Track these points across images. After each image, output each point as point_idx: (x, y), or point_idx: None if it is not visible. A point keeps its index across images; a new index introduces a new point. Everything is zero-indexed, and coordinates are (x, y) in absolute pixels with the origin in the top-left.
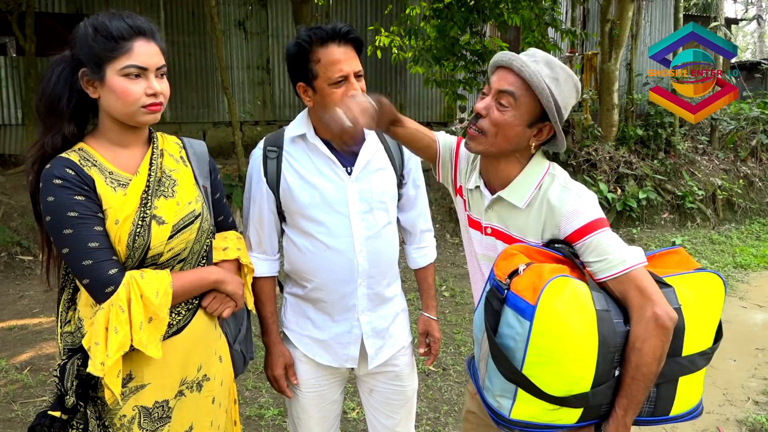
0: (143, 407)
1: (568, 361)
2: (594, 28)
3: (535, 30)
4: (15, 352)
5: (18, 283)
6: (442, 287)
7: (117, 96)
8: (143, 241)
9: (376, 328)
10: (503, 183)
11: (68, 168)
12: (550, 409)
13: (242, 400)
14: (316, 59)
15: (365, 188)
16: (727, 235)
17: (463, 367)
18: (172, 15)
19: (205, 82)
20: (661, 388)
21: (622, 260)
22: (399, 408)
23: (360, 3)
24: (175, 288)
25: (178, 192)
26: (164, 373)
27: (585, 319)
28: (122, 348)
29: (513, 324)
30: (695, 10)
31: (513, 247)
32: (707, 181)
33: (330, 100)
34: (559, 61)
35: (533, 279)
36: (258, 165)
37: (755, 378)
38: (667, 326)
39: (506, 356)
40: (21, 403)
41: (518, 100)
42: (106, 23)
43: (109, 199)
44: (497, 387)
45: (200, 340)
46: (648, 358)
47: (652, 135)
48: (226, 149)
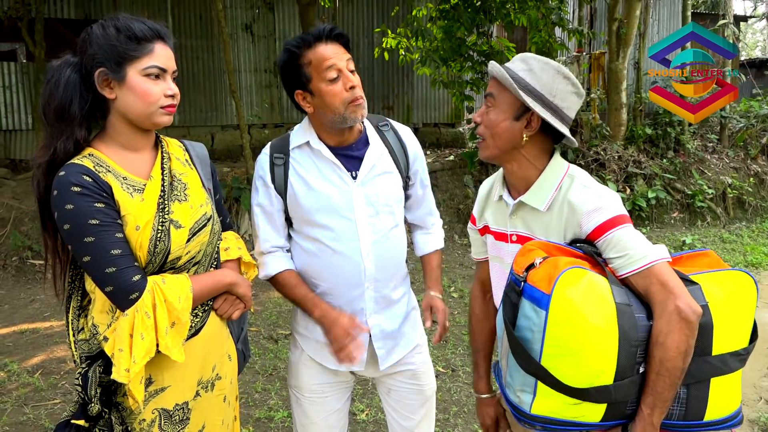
0: (164, 410)
1: (587, 352)
2: (601, 27)
3: (542, 30)
4: (26, 356)
5: (29, 287)
6: (451, 288)
7: (138, 96)
8: (164, 246)
9: (385, 330)
10: (524, 188)
11: (85, 175)
12: (572, 403)
13: (252, 402)
14: (307, 62)
15: (371, 192)
16: (738, 234)
17: (472, 368)
18: (180, 19)
19: (213, 85)
20: (692, 389)
21: (644, 255)
22: (417, 408)
23: (366, 5)
24: (195, 292)
25: (190, 195)
26: (183, 375)
27: (604, 311)
28: (149, 354)
29: (530, 315)
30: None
31: (531, 243)
32: (717, 180)
33: (330, 99)
34: (536, 56)
35: (549, 270)
36: (265, 171)
37: (767, 378)
38: (690, 320)
39: (524, 348)
40: (32, 406)
41: (496, 98)
42: (129, 24)
43: (128, 205)
44: (518, 382)
45: (214, 341)
46: (672, 352)
47: (660, 134)
48: (234, 152)
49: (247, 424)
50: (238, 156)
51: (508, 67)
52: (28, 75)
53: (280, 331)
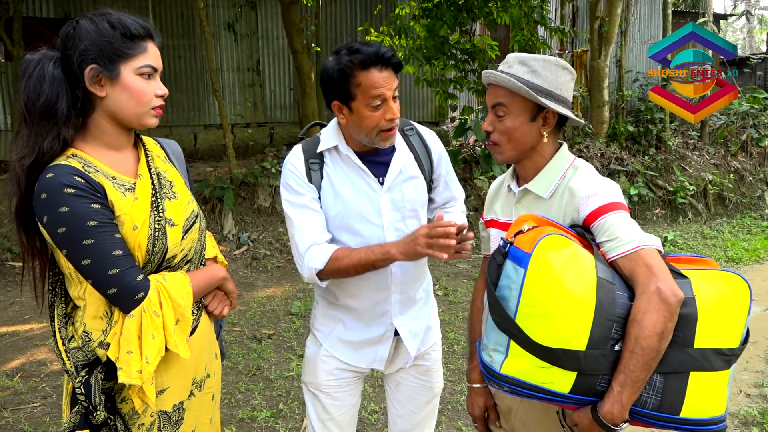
0: (162, 412)
1: (560, 316)
2: (583, 25)
3: (524, 28)
4: (6, 359)
5: (9, 289)
6: (435, 286)
7: (131, 95)
8: (162, 244)
9: (412, 329)
10: (534, 176)
11: (76, 176)
12: (541, 366)
13: (234, 403)
14: (356, 83)
15: (397, 198)
16: (719, 230)
17: (456, 366)
18: (161, 18)
19: (196, 84)
20: (669, 380)
21: (633, 239)
22: (424, 405)
23: (349, 3)
24: (193, 287)
25: (177, 193)
26: (181, 375)
27: (583, 281)
28: (160, 353)
29: (510, 274)
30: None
31: (525, 216)
32: (698, 176)
33: (367, 122)
34: (532, 55)
35: (534, 235)
36: (301, 172)
37: (747, 371)
38: (670, 302)
39: (501, 304)
40: (11, 410)
41: (509, 106)
42: (124, 21)
43: (122, 204)
44: (492, 341)
45: (206, 339)
46: (647, 331)
47: (642, 131)
48: (217, 152)
49: (230, 425)
50: (221, 155)
51: (513, 74)
52: (7, 75)
53: (264, 331)
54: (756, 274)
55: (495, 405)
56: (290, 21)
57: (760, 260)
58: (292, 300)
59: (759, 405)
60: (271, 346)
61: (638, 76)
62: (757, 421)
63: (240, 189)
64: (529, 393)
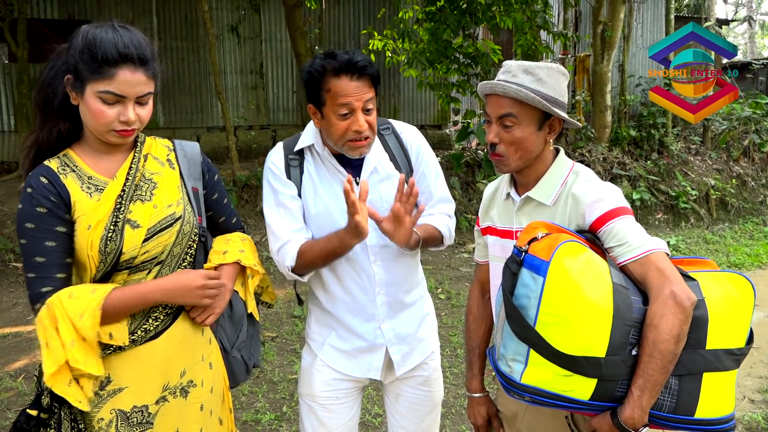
0: (120, 411)
1: (580, 323)
2: (586, 30)
3: (527, 33)
4: (9, 360)
5: (12, 290)
6: (438, 290)
7: (91, 114)
8: (115, 245)
9: (399, 334)
10: (534, 184)
11: (43, 176)
12: (562, 375)
13: (238, 405)
14: (326, 88)
15: (374, 198)
16: (721, 235)
17: (460, 369)
18: (165, 20)
19: (199, 86)
20: (683, 382)
21: (642, 244)
22: (426, 415)
23: (353, 7)
24: (106, 308)
25: (156, 195)
26: (142, 377)
27: (600, 287)
28: (56, 362)
29: (528, 282)
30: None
31: (536, 222)
32: (700, 181)
33: (334, 130)
34: (534, 63)
35: (550, 242)
36: (279, 169)
37: (751, 377)
38: (685, 305)
39: (520, 313)
40: (15, 411)
41: (518, 116)
42: (95, 44)
43: (84, 205)
44: (510, 351)
45: (183, 345)
46: (665, 334)
47: (645, 136)
48: (220, 154)
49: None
50: (224, 158)
51: (520, 83)
52: (11, 76)
53: (267, 333)
54: (759, 279)
55: (497, 412)
56: (294, 24)
57: (763, 265)
58: (294, 303)
59: (763, 410)
60: (274, 348)
61: (640, 81)
62: (762, 427)
63: (243, 191)
64: (550, 402)
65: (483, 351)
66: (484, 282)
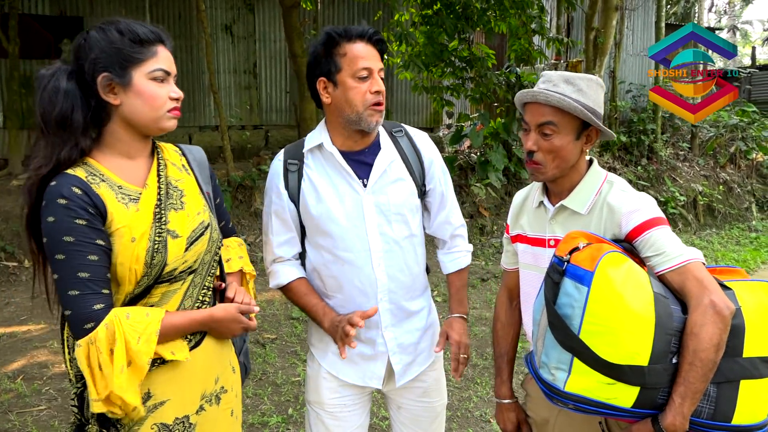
0: (163, 424)
1: (624, 332)
2: (578, 36)
3: (521, 37)
4: (6, 361)
5: (4, 289)
6: (434, 292)
7: (145, 100)
8: (161, 258)
9: (402, 343)
10: (568, 193)
11: (75, 186)
12: (606, 383)
13: (244, 408)
14: (342, 52)
15: (382, 201)
16: (709, 240)
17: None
18: (158, 18)
19: (191, 85)
20: (721, 389)
21: (680, 253)
22: (428, 425)
23: (349, 9)
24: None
25: (186, 203)
26: (183, 388)
27: (642, 296)
28: (107, 388)
29: (571, 292)
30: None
31: (575, 232)
32: (688, 187)
33: (353, 94)
34: (574, 74)
35: (593, 252)
36: (278, 178)
37: None
38: (724, 314)
39: (564, 322)
40: (17, 413)
41: (558, 125)
42: (132, 27)
43: (123, 216)
44: (553, 359)
45: (216, 352)
46: (705, 343)
47: (635, 141)
48: (212, 153)
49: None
50: (216, 157)
51: (562, 93)
52: (1, 72)
53: (266, 335)
54: None
55: (526, 418)
56: (291, 25)
57: (750, 271)
58: (291, 304)
59: None
60: (275, 350)
61: (631, 87)
62: None
63: (237, 192)
64: (593, 409)
65: (512, 357)
66: (512, 289)
